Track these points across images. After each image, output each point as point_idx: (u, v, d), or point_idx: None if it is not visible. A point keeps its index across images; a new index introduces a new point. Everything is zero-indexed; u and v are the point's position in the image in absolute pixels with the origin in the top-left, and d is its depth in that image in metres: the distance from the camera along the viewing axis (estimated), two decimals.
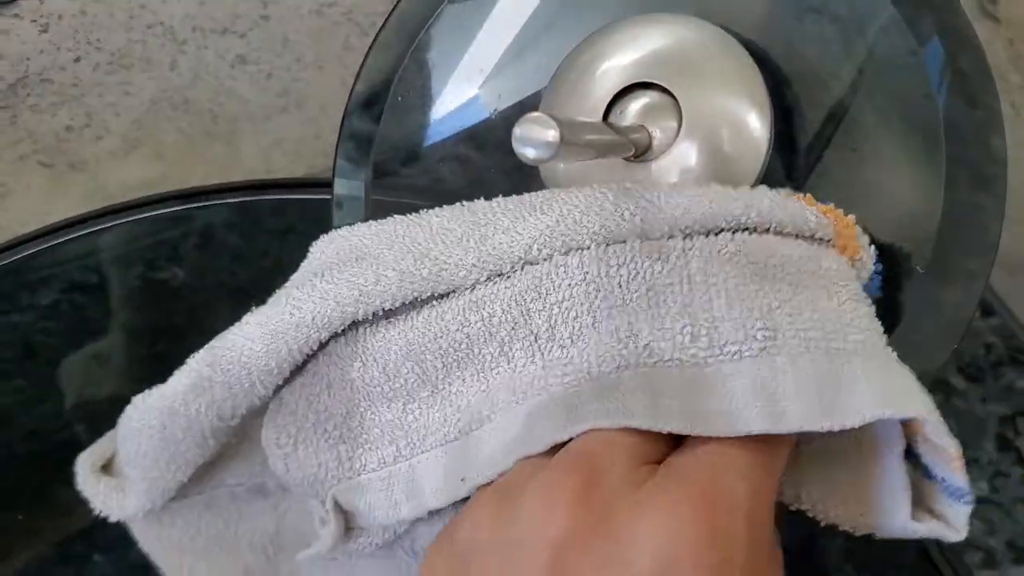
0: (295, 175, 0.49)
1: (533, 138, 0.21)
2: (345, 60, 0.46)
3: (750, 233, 0.23)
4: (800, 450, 0.23)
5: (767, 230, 0.23)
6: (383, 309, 0.23)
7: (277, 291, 0.27)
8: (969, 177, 0.26)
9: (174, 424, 0.27)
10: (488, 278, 0.23)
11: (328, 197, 0.36)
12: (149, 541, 0.37)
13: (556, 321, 0.22)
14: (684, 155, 0.26)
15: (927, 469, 0.21)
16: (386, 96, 0.30)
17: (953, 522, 0.21)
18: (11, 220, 0.46)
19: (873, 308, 0.23)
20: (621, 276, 0.22)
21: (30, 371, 0.45)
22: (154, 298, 0.45)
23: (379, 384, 0.24)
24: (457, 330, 0.23)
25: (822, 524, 0.23)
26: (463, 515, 0.22)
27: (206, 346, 0.26)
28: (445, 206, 0.25)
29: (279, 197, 0.40)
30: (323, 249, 0.27)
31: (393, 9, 0.30)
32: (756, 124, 0.26)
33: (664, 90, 0.26)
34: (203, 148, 0.46)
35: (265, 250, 0.45)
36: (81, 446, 0.44)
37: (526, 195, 0.24)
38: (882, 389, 0.20)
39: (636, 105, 0.27)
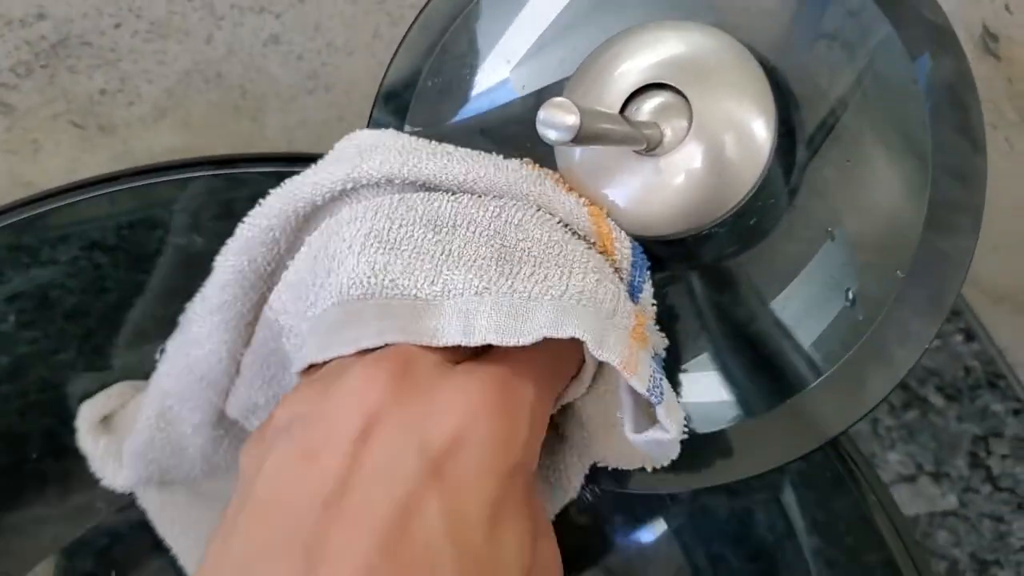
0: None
1: (555, 121, 0.23)
2: (374, 48, 0.48)
3: (513, 211, 0.28)
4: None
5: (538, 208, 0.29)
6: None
7: None
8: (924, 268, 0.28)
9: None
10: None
11: None
12: (146, 501, 0.39)
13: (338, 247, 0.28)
14: (691, 153, 0.28)
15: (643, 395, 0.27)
16: (417, 79, 0.32)
17: (663, 424, 0.26)
18: (39, 175, 0.47)
19: (617, 288, 0.28)
20: (397, 216, 0.28)
21: (46, 323, 0.46)
22: (172, 262, 0.46)
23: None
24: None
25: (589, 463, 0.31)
26: (283, 399, 0.26)
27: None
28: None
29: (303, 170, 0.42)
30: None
31: (428, 3, 0.31)
32: (761, 131, 0.28)
33: (678, 92, 0.28)
34: (230, 122, 0.48)
35: None
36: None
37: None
38: (554, 320, 0.25)
39: (651, 104, 0.29)
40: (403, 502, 0.22)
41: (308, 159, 0.47)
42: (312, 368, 0.27)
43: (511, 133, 0.32)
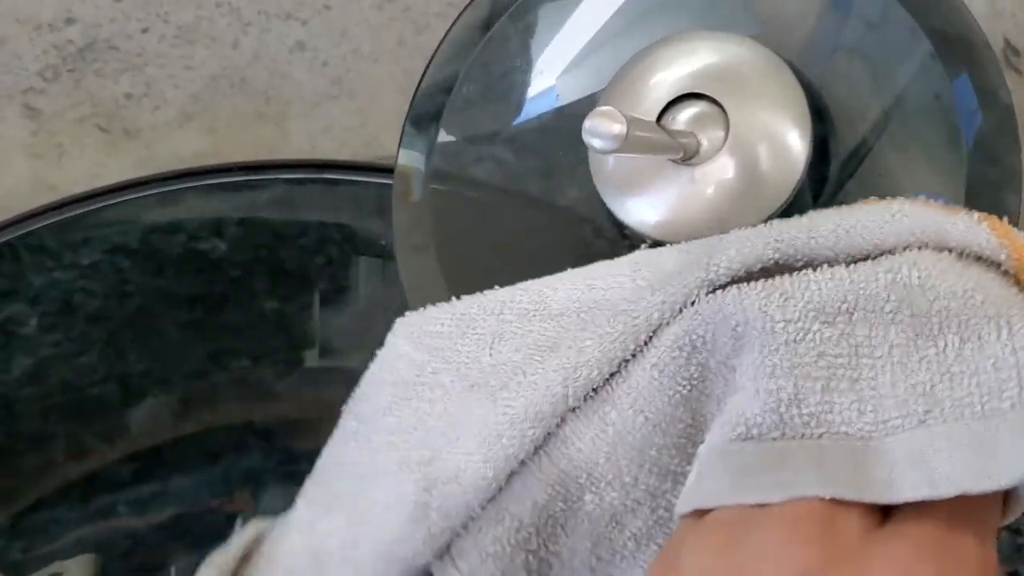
0: None
1: (602, 130, 0.23)
2: (398, 55, 0.48)
3: (909, 269, 0.23)
4: None
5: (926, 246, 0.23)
6: (592, 388, 0.23)
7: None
8: None
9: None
10: (669, 320, 0.23)
11: (384, 181, 0.38)
12: None
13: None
14: (728, 164, 0.28)
15: None
16: (454, 84, 0.32)
17: None
18: (64, 179, 0.48)
19: None
20: (788, 334, 0.22)
21: (68, 326, 0.46)
22: (194, 268, 0.47)
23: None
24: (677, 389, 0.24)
25: None
26: (681, 549, 0.22)
27: (404, 471, 0.24)
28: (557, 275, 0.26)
29: (328, 177, 0.42)
30: (415, 338, 0.27)
31: (468, 4, 0.32)
32: (796, 143, 0.28)
33: (714, 102, 0.28)
34: (254, 127, 0.48)
35: (304, 231, 0.47)
36: (112, 403, 0.46)
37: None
38: None
39: (687, 113, 0.29)
40: None
41: (331, 166, 0.47)
42: (695, 512, 0.23)
43: (537, 142, 0.32)
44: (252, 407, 0.46)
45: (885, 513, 0.22)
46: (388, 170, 0.41)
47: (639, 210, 0.29)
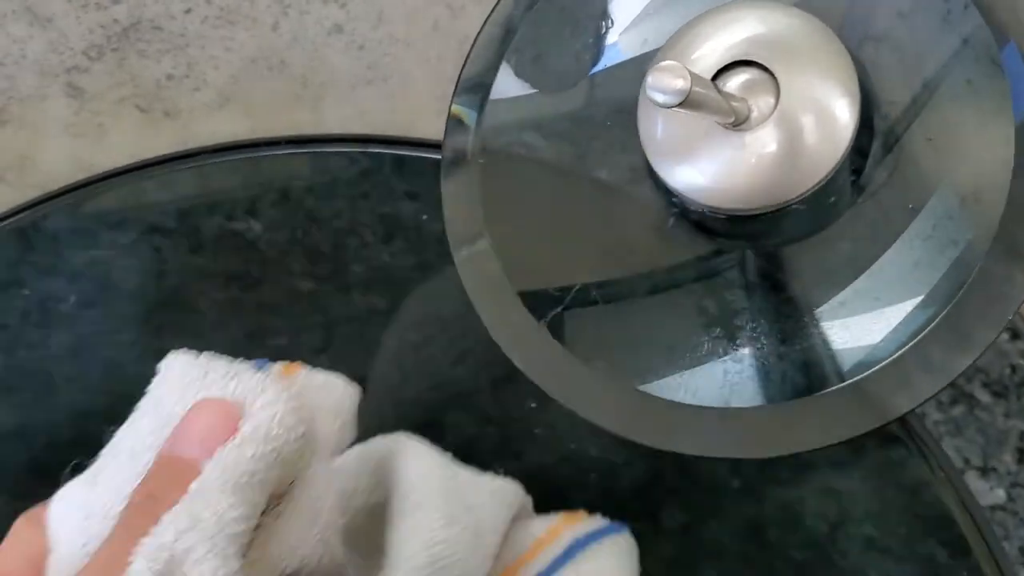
0: None
1: (665, 84, 0.24)
2: (432, 39, 0.48)
3: None
4: None
5: None
6: None
7: None
8: (1003, 249, 0.28)
9: None
10: None
11: (432, 156, 0.39)
12: None
13: None
14: (777, 130, 0.29)
15: None
16: (501, 56, 0.33)
17: None
18: (103, 159, 0.48)
19: None
20: None
21: (106, 304, 0.47)
22: (230, 247, 0.47)
23: None
24: None
25: None
26: None
27: None
28: None
29: (363, 151, 0.43)
30: None
31: None
32: (844, 111, 0.29)
33: (765, 70, 0.29)
34: (290, 110, 0.49)
35: (339, 212, 0.48)
36: (151, 379, 0.47)
37: None
38: None
39: (737, 80, 0.29)
40: None
41: (368, 140, 0.48)
42: None
43: (585, 111, 0.33)
44: None
45: None
46: (431, 145, 0.41)
47: (688, 175, 0.30)
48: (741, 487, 0.38)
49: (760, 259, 0.32)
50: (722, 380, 0.31)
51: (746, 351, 0.31)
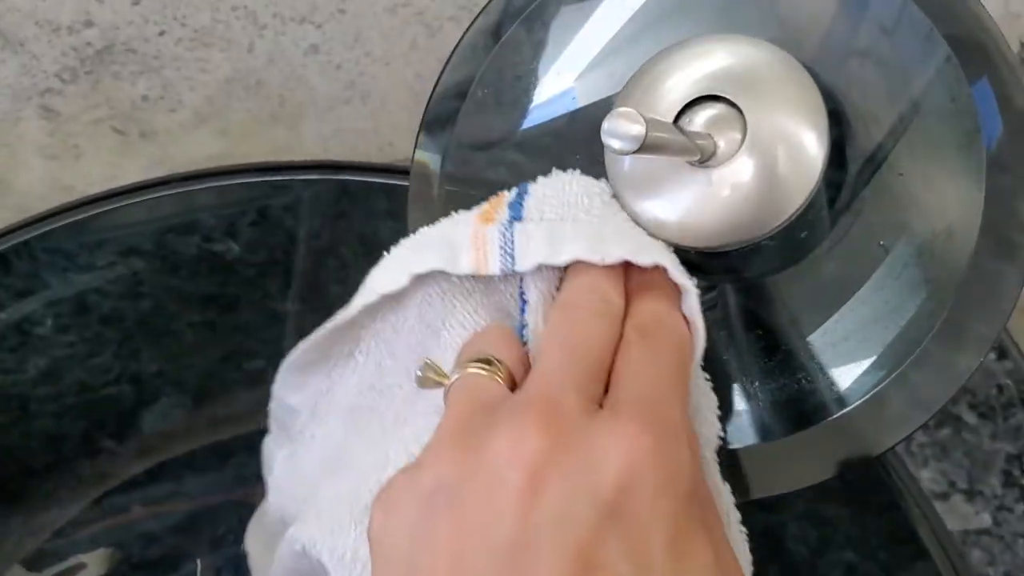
0: None
1: (621, 131, 0.23)
2: (410, 59, 0.48)
3: None
4: None
5: None
6: None
7: None
8: (993, 244, 0.28)
9: None
10: None
11: (398, 183, 0.39)
12: None
13: None
14: (745, 166, 0.28)
15: None
16: (468, 87, 0.32)
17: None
18: (80, 180, 0.48)
19: None
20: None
21: (83, 327, 0.47)
22: (208, 268, 0.47)
23: None
24: None
25: None
26: (422, 461, 0.25)
27: None
28: None
29: (343, 178, 0.43)
30: None
31: (482, 10, 0.32)
32: (813, 144, 0.28)
33: (732, 104, 0.28)
34: (267, 130, 0.49)
35: (317, 232, 0.47)
36: (126, 403, 0.46)
37: None
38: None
39: (703, 115, 0.29)
40: (586, 552, 0.22)
41: (345, 167, 0.47)
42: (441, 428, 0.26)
43: (552, 145, 0.32)
44: (265, 407, 0.46)
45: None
46: (402, 172, 0.41)
47: (656, 212, 0.29)
48: None
49: (733, 295, 0.31)
50: None
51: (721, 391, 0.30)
